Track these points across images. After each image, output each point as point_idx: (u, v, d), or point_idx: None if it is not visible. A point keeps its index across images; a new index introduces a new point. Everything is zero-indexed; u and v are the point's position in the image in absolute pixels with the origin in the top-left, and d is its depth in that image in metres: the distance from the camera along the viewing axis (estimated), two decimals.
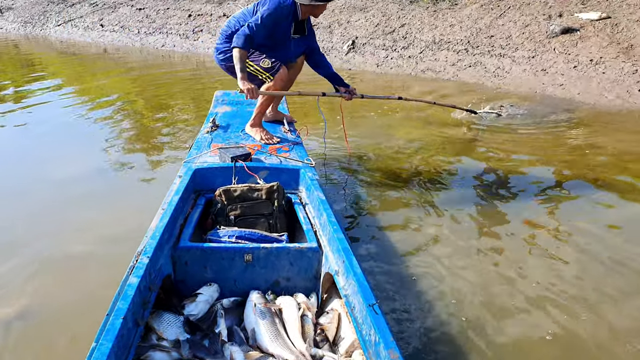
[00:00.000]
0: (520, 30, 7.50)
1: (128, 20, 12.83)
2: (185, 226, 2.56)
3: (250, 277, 2.41)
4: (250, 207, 2.66)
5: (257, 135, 3.72)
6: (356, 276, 2.02)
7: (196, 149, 3.47)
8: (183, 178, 2.85)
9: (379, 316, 1.80)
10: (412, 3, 8.96)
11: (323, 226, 2.49)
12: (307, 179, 2.92)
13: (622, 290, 2.71)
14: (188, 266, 2.39)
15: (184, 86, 8.01)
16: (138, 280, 1.96)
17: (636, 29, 6.68)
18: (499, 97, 6.51)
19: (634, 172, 4.23)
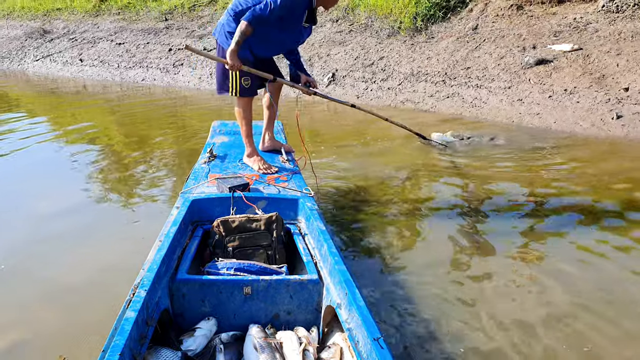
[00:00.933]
0: (495, 62, 7.66)
1: (108, 54, 12.79)
2: (183, 258, 2.50)
3: (250, 311, 2.35)
4: (249, 238, 2.61)
5: (255, 165, 3.68)
6: (359, 309, 1.96)
7: (193, 179, 3.42)
8: (180, 209, 2.80)
9: (384, 350, 1.75)
10: (390, 37, 9.10)
11: (324, 257, 2.44)
12: (307, 209, 2.88)
13: (600, 307, 2.78)
14: (186, 299, 2.33)
15: (166, 119, 7.97)
16: (135, 315, 1.90)
17: (607, 59, 6.87)
18: (477, 127, 6.62)
19: (610, 197, 4.30)
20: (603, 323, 2.67)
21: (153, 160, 5.73)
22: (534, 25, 7.98)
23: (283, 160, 3.89)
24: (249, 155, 3.76)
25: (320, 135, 6.69)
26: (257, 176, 3.49)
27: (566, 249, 3.46)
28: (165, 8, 13.27)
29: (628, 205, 4.13)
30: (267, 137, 4.07)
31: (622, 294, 2.94)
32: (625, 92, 6.44)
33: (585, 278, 3.10)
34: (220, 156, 3.86)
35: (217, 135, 4.31)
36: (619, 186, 4.57)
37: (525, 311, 2.80)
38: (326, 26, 10.13)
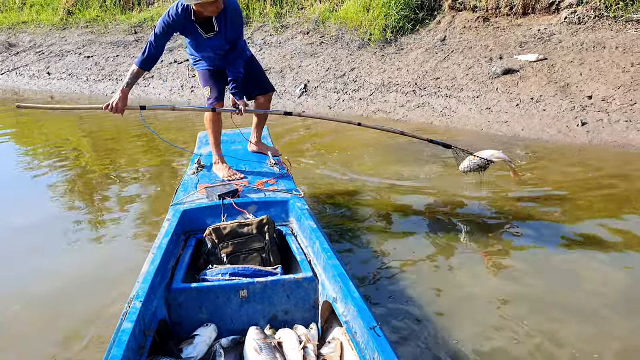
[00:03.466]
0: (464, 72, 7.83)
1: (76, 68, 12.60)
2: (177, 268, 2.49)
3: (248, 314, 2.36)
4: (242, 243, 2.62)
5: (221, 172, 3.71)
6: (355, 301, 2.00)
7: (183, 190, 3.41)
8: (172, 220, 2.79)
9: (381, 338, 1.79)
10: (361, 49, 9.22)
11: (317, 255, 2.47)
12: (297, 210, 2.91)
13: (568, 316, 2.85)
14: (183, 308, 2.32)
15: (139, 132, 7.88)
16: (132, 326, 1.89)
17: (571, 69, 7.10)
18: (448, 135, 6.75)
19: (576, 203, 4.43)
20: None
21: (136, 174, 5.68)
22: (500, 37, 8.20)
23: (271, 164, 3.90)
24: (215, 162, 3.79)
25: (299, 145, 6.73)
26: (247, 182, 3.50)
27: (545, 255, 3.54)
28: (135, 21, 13.16)
29: (593, 211, 4.26)
30: (254, 141, 4.12)
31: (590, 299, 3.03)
32: (589, 100, 6.66)
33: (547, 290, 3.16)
34: (208, 166, 3.86)
35: (204, 146, 4.31)
36: (584, 190, 4.73)
37: (511, 302, 2.89)
38: (297, 38, 10.21)
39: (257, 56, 10.06)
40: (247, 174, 3.72)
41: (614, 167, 5.37)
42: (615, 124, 6.27)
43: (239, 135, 4.34)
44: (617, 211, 4.23)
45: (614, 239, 3.72)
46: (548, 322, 2.73)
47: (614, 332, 2.64)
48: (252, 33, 10.88)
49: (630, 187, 4.78)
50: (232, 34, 3.60)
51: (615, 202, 4.43)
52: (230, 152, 4.07)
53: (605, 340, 2.58)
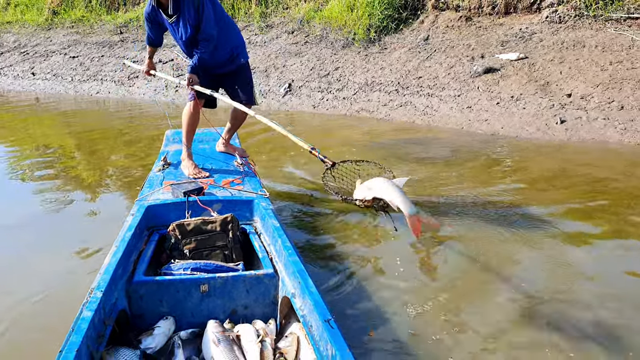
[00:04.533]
0: (446, 71, 7.92)
1: (61, 68, 12.61)
2: (139, 262, 2.55)
3: (207, 308, 2.42)
4: (205, 239, 2.67)
5: (186, 169, 3.77)
6: (312, 295, 2.07)
7: (148, 187, 3.46)
8: (136, 215, 2.84)
9: (334, 330, 1.86)
10: (345, 48, 9.30)
11: (278, 252, 2.54)
12: (262, 209, 2.97)
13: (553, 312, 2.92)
14: (143, 300, 2.38)
15: (121, 130, 7.93)
16: (92, 314, 1.95)
17: (551, 67, 7.20)
18: (431, 132, 6.84)
19: (554, 199, 4.52)
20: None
21: (109, 172, 5.72)
22: (482, 36, 8.29)
23: (238, 163, 3.96)
24: (183, 159, 3.86)
25: (277, 143, 6.80)
26: (212, 180, 3.55)
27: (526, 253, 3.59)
28: (120, 21, 13.18)
29: (571, 207, 4.35)
30: (224, 141, 4.19)
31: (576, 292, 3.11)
32: (568, 97, 6.76)
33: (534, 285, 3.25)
34: (175, 164, 3.91)
35: (170, 144, 4.35)
36: (562, 186, 4.82)
37: (458, 287, 3.00)
38: (282, 37, 10.28)
39: None
40: (213, 172, 3.77)
41: (592, 164, 5.47)
42: (594, 122, 6.37)
43: (207, 135, 4.41)
44: (595, 207, 4.31)
45: (590, 234, 3.80)
46: (502, 311, 2.82)
47: (588, 323, 2.73)
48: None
49: (608, 183, 4.87)
50: (191, 16, 3.63)
51: (593, 198, 4.51)
52: (198, 151, 4.13)
53: (582, 330, 2.67)
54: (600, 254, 3.52)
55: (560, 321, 2.74)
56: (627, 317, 2.77)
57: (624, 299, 2.95)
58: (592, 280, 3.17)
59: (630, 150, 5.84)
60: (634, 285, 3.12)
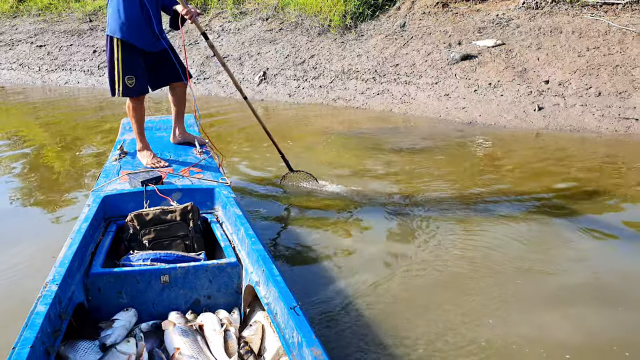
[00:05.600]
0: (423, 59, 7.92)
1: (28, 57, 12.38)
2: (97, 253, 2.50)
3: (169, 299, 2.38)
4: (165, 229, 2.63)
5: (144, 159, 3.70)
6: (276, 283, 2.05)
7: (104, 177, 3.39)
8: (92, 206, 2.78)
9: (300, 317, 1.84)
10: (320, 35, 9.25)
11: (241, 240, 2.52)
12: (223, 197, 2.94)
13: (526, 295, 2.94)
14: (102, 293, 2.34)
15: (89, 121, 7.81)
16: (47, 308, 1.90)
17: (528, 54, 7.24)
18: (408, 121, 6.85)
19: (532, 185, 4.56)
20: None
21: (72, 162, 5.64)
22: (459, 22, 8.31)
23: (197, 152, 3.91)
24: (140, 149, 3.77)
25: (252, 131, 6.76)
26: (171, 169, 3.50)
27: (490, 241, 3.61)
28: (90, 9, 12.96)
29: (548, 194, 4.39)
30: (177, 131, 4.08)
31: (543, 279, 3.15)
32: (546, 84, 6.82)
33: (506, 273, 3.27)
34: (132, 153, 3.83)
35: (127, 132, 4.25)
36: (540, 173, 4.86)
37: (423, 277, 3.04)
38: (256, 25, 10.20)
39: (215, 43, 10.04)
40: (172, 161, 3.72)
41: (569, 151, 5.53)
42: (571, 108, 6.44)
43: (164, 122, 4.34)
44: (572, 194, 4.36)
45: (568, 221, 3.83)
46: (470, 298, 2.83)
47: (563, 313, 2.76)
48: (210, 20, 10.83)
49: (585, 170, 4.93)
50: None
51: (570, 185, 4.56)
52: (155, 139, 4.06)
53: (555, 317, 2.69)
54: (577, 242, 3.55)
55: (542, 314, 2.76)
56: (611, 305, 2.81)
57: (605, 284, 3.00)
58: (569, 267, 3.21)
59: (607, 137, 5.91)
60: (610, 272, 3.15)
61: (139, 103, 3.72)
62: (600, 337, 2.54)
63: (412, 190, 4.50)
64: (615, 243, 3.52)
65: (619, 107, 6.24)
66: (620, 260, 3.28)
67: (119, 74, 3.57)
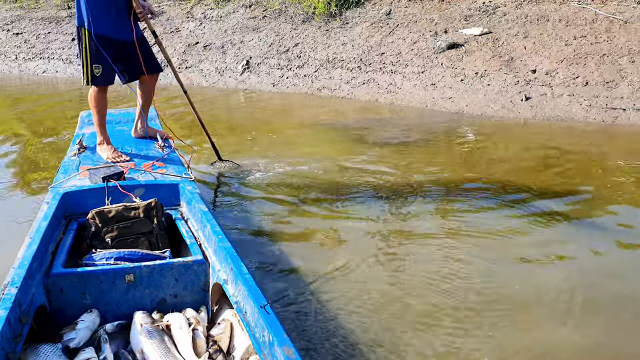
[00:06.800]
0: (409, 47, 7.89)
1: (4, 45, 12.21)
2: (57, 253, 2.46)
3: (134, 299, 2.36)
4: (128, 227, 2.60)
5: (105, 153, 3.66)
6: (245, 281, 2.04)
7: (63, 173, 3.34)
8: (51, 203, 2.73)
9: (270, 316, 1.83)
10: (305, 22, 9.19)
11: (207, 238, 2.49)
12: (187, 193, 2.91)
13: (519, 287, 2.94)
14: (64, 294, 2.30)
15: (64, 111, 7.71)
16: (6, 313, 1.86)
17: (515, 42, 7.23)
18: (394, 111, 6.84)
19: (519, 177, 4.55)
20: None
21: (32, 154, 5.57)
22: (445, 10, 8.28)
23: (159, 146, 3.87)
24: (100, 143, 3.73)
25: (238, 123, 6.72)
26: (133, 164, 3.46)
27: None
28: None
29: (535, 185, 4.38)
30: (139, 125, 4.04)
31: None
32: (533, 74, 6.82)
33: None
34: (91, 147, 3.77)
35: (86, 126, 4.17)
36: (526, 165, 4.86)
37: (387, 271, 3.06)
38: (239, 12, 10.11)
39: (197, 31, 9.97)
40: (134, 156, 3.69)
41: (557, 141, 5.54)
42: (558, 98, 6.44)
43: (125, 115, 4.29)
44: (560, 184, 4.37)
45: (555, 212, 3.84)
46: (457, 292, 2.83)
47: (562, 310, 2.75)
48: (192, 7, 10.72)
49: (573, 160, 4.94)
50: None
51: (558, 175, 4.57)
52: (115, 133, 4.00)
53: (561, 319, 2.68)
54: (564, 234, 3.56)
55: (531, 306, 2.77)
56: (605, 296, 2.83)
57: (597, 279, 3.01)
58: (557, 261, 3.22)
59: (594, 127, 5.93)
60: (599, 261, 3.19)
61: (103, 94, 3.68)
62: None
63: (396, 182, 4.49)
64: (603, 235, 3.53)
65: (606, 97, 6.25)
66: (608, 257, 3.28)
67: (87, 62, 3.54)
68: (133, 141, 3.97)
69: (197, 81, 9.05)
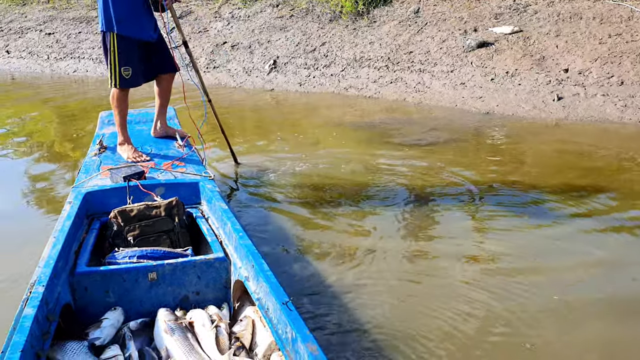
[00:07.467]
0: (438, 46, 7.83)
1: (37, 45, 12.46)
2: (81, 252, 2.51)
3: (157, 296, 2.39)
4: (150, 225, 2.63)
5: (125, 153, 3.70)
6: (267, 278, 2.06)
7: (85, 172, 3.39)
8: (73, 203, 2.78)
9: (293, 312, 1.85)
10: (332, 22, 9.19)
11: (228, 235, 2.52)
12: (207, 192, 2.94)
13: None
14: (88, 292, 2.34)
15: (95, 110, 7.82)
16: (34, 311, 1.90)
17: (547, 41, 7.12)
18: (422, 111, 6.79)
19: (551, 180, 4.47)
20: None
21: (57, 154, 5.68)
22: (474, 8, 8.19)
23: (178, 145, 3.91)
24: (121, 143, 3.78)
25: (263, 122, 6.75)
26: (153, 164, 3.50)
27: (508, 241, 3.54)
28: None
29: (568, 188, 4.30)
30: (159, 124, 4.08)
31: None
32: (565, 73, 6.70)
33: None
34: (112, 147, 3.83)
35: (105, 126, 4.24)
36: (559, 167, 4.78)
37: (412, 273, 3.05)
38: (266, 11, 10.15)
39: (225, 31, 10.04)
40: (154, 155, 3.73)
41: (590, 143, 5.42)
42: (592, 98, 6.32)
43: (145, 115, 4.34)
44: (592, 188, 4.27)
45: (587, 216, 3.78)
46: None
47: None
48: (220, 6, 10.80)
49: (607, 163, 4.84)
50: None
51: (591, 178, 4.48)
52: (135, 133, 4.05)
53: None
54: (598, 240, 3.49)
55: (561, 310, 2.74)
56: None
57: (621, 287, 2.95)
58: (592, 268, 3.15)
59: (630, 128, 5.79)
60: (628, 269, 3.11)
61: (125, 94, 3.73)
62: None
63: (423, 184, 4.46)
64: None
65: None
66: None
67: (115, 65, 3.57)
68: (153, 141, 4.01)
69: (225, 81, 9.10)
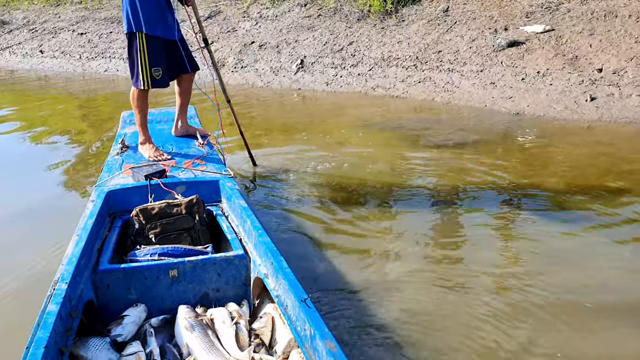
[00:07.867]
0: (467, 45, 7.75)
1: (69, 45, 12.71)
2: (103, 250, 2.55)
3: (178, 293, 2.42)
4: (171, 223, 2.67)
5: (147, 152, 3.74)
6: (286, 276, 2.08)
7: (107, 171, 3.46)
8: (96, 202, 2.83)
9: (312, 310, 1.87)
10: (360, 21, 9.16)
11: (248, 233, 2.54)
12: (227, 189, 2.97)
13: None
14: (110, 289, 2.38)
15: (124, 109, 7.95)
16: (58, 308, 1.93)
17: (580, 40, 6.98)
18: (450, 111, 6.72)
19: (585, 182, 4.38)
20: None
21: (83, 153, 5.78)
22: (505, 7, 8.09)
23: (199, 144, 3.94)
24: (142, 142, 3.82)
25: (288, 120, 6.76)
26: (174, 162, 3.55)
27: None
28: None
29: (603, 192, 4.21)
30: (180, 123, 4.11)
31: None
32: (599, 73, 6.56)
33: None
34: (133, 146, 3.89)
35: (127, 126, 4.30)
36: (592, 170, 4.67)
37: (454, 276, 3.02)
38: (294, 11, 10.18)
39: (253, 30, 10.10)
40: (174, 154, 3.77)
41: (625, 145, 5.30)
42: (627, 99, 6.18)
43: (165, 114, 4.40)
44: (628, 192, 4.17)
45: (623, 222, 3.70)
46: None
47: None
48: (248, 6, 10.87)
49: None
50: None
51: (626, 182, 4.36)
52: (156, 132, 4.10)
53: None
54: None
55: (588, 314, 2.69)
56: None
57: None
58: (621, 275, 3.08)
59: None
60: None
61: (145, 94, 3.77)
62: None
63: (451, 185, 4.41)
64: None
65: None
66: None
67: (145, 65, 3.60)
68: (173, 139, 4.07)
69: (252, 81, 9.15)
